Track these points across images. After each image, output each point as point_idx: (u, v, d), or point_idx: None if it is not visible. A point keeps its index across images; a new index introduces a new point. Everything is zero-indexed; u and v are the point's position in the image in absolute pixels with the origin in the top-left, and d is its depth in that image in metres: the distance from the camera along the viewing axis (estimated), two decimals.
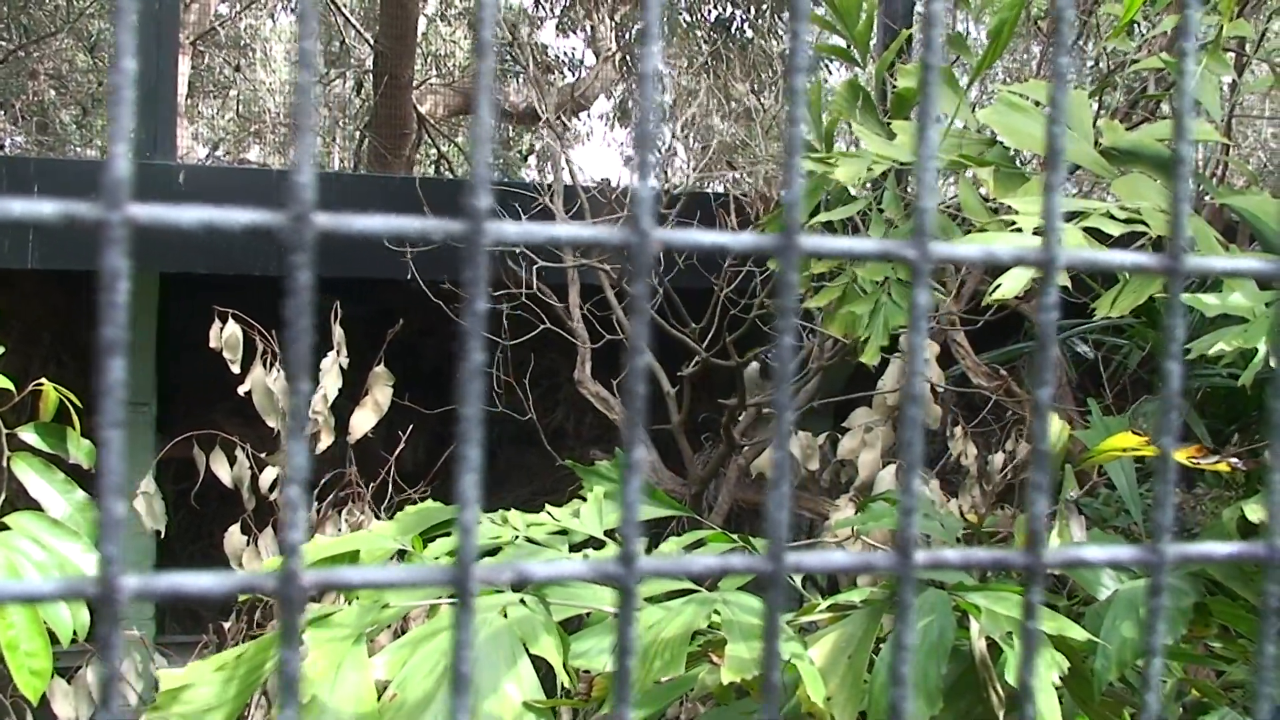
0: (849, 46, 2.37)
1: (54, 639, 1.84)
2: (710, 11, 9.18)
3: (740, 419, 3.35)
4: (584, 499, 1.87)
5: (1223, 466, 1.55)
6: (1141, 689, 0.51)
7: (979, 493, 3.46)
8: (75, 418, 1.78)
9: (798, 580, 1.78)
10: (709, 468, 3.43)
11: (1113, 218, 1.69)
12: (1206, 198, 2.44)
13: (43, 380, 1.83)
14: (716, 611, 1.40)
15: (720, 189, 4.04)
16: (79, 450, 1.75)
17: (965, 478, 3.51)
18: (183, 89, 9.61)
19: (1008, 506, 3.37)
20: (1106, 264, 0.54)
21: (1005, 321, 3.51)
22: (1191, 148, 0.53)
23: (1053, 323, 0.46)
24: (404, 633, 1.57)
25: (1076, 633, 1.36)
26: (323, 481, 3.38)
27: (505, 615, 1.37)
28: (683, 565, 0.42)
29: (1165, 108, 4.06)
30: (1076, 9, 3.40)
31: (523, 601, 1.42)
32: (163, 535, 3.55)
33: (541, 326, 3.38)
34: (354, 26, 9.20)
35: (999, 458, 3.41)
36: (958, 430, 3.52)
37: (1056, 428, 1.70)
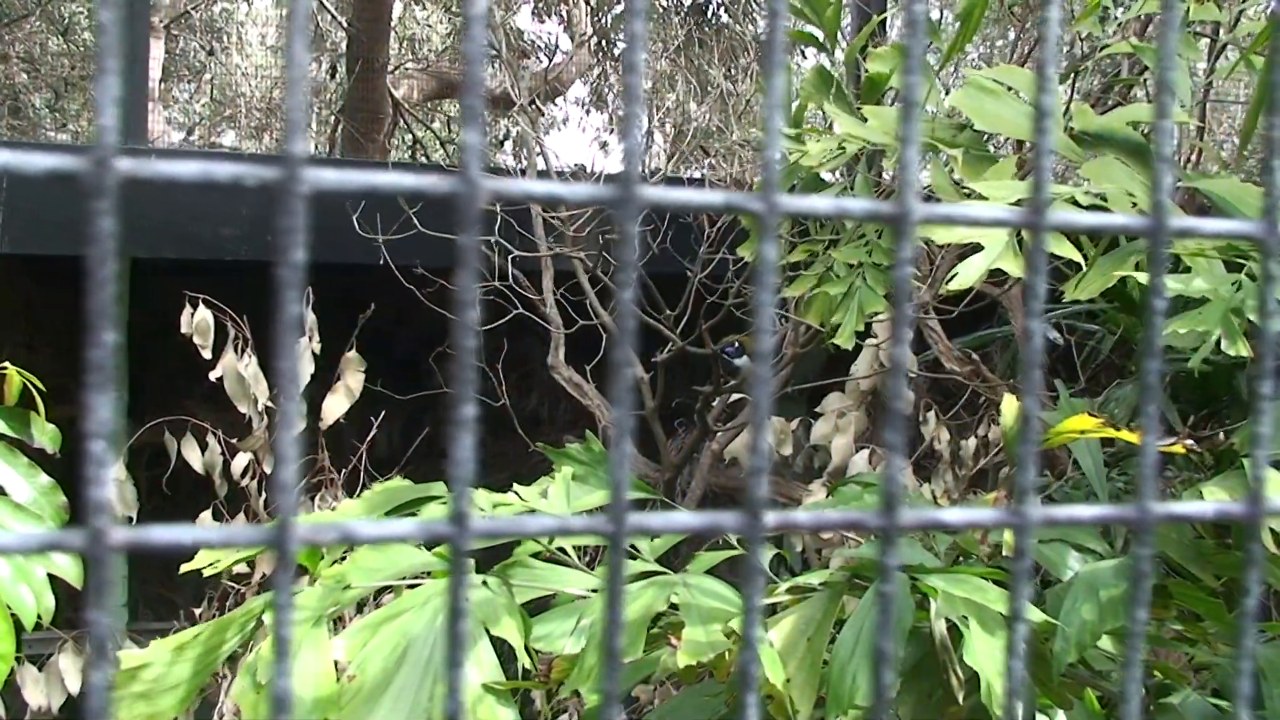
0: (821, 34, 2.37)
1: (20, 626, 1.82)
2: None
3: (715, 405, 3.35)
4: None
5: (1178, 448, 1.56)
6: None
7: (952, 478, 3.47)
8: (39, 402, 1.76)
9: (766, 564, 1.78)
10: (683, 453, 3.43)
11: (1076, 203, 1.69)
12: (1177, 183, 2.45)
13: (6, 365, 1.82)
14: (676, 594, 1.40)
15: (698, 175, 4.03)
16: (43, 435, 1.74)
17: (938, 463, 3.52)
18: (156, 73, 9.55)
19: (981, 491, 3.38)
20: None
21: (981, 308, 3.52)
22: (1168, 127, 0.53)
23: (907, 277, 0.46)
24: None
25: (1033, 614, 1.36)
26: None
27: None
28: (517, 525, 0.42)
29: (1140, 92, 4.07)
30: None
31: (485, 583, 1.42)
32: (134, 522, 3.53)
33: (514, 312, 3.37)
34: (328, 10, 9.15)
35: (971, 443, 3.42)
36: (931, 415, 3.53)
37: (1012, 410, 1.70)
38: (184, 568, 1.49)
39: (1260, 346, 0.50)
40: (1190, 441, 1.56)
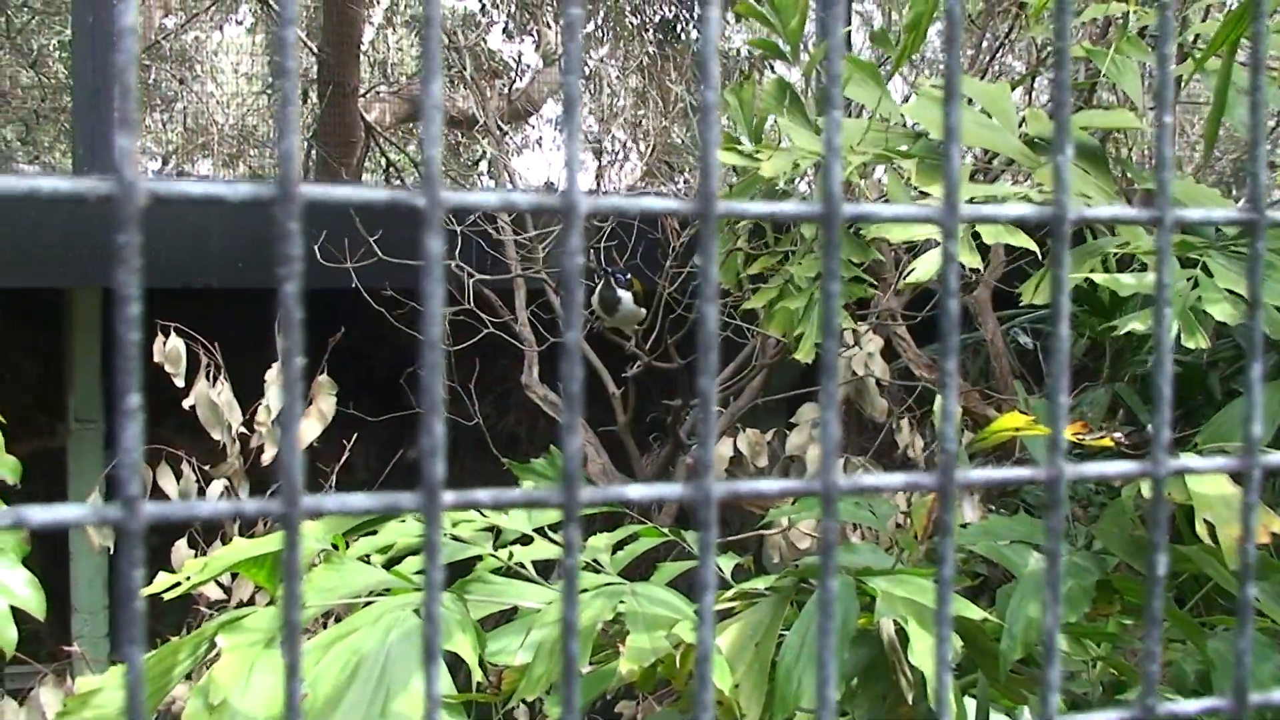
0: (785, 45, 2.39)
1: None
2: (654, 13, 9.20)
3: (685, 418, 3.36)
4: None
5: (1106, 442, 1.58)
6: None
7: None
8: None
9: (727, 571, 1.79)
10: (656, 468, 3.44)
11: (1030, 201, 1.71)
12: (1133, 185, 2.47)
13: None
14: (623, 602, 1.41)
15: (664, 190, 4.05)
16: (4, 467, 1.74)
17: (912, 470, 3.54)
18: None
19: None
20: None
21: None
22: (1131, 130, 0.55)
23: (712, 277, 0.48)
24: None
25: (973, 611, 1.38)
26: (269, 492, 3.36)
27: (419, 614, 1.38)
28: (342, 503, 0.43)
29: (1105, 95, 4.10)
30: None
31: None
32: (113, 553, 3.53)
33: (485, 331, 3.38)
34: (298, 34, 9.15)
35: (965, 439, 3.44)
36: (904, 423, 3.55)
37: (956, 411, 1.71)
38: (144, 591, 1.49)
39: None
40: (1119, 435, 1.58)
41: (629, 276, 3.21)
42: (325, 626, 1.76)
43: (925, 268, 1.63)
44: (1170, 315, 0.53)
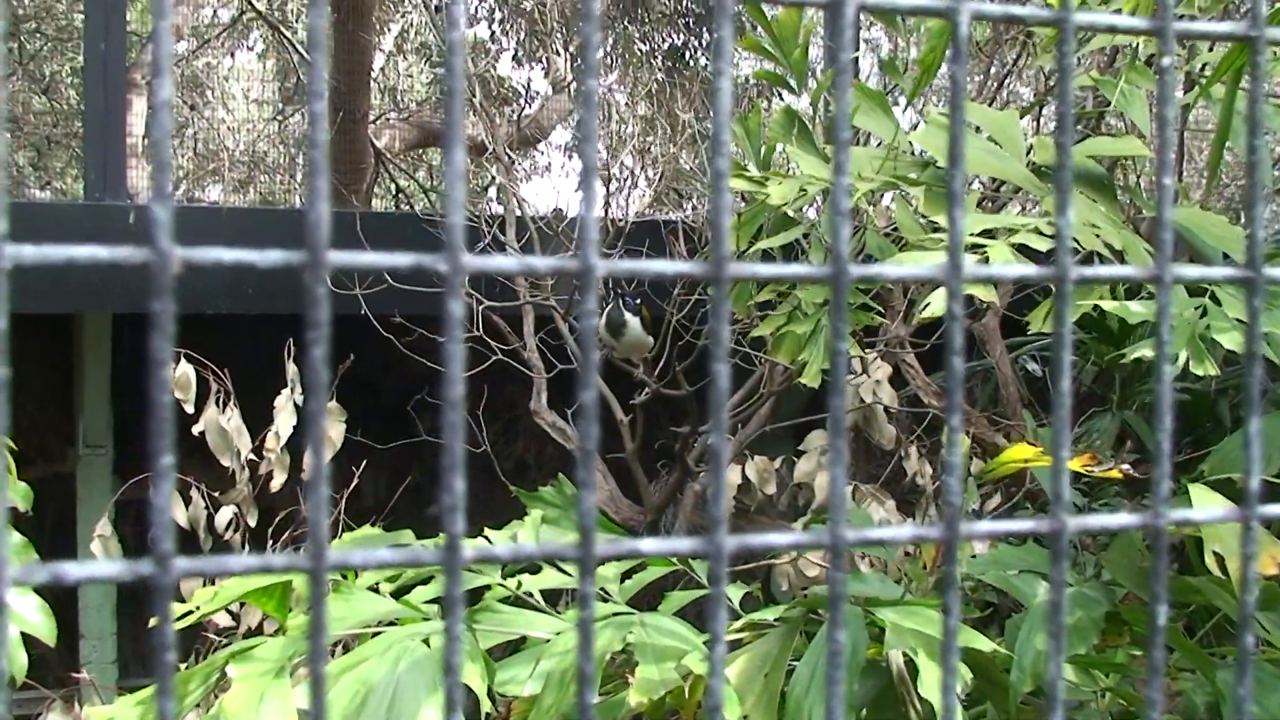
0: (789, 75, 2.40)
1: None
2: (663, 40, 9.23)
3: (694, 445, 3.36)
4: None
5: (1114, 474, 1.58)
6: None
7: (935, 512, 3.48)
8: (10, 461, 1.77)
9: (736, 600, 1.79)
10: (664, 495, 3.44)
11: (1040, 233, 1.72)
12: (1140, 213, 2.48)
13: None
14: (632, 633, 1.41)
15: (673, 217, 4.06)
16: (15, 493, 1.74)
17: (921, 497, 3.53)
18: (139, 129, 9.59)
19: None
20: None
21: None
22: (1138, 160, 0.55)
23: (723, 338, 0.48)
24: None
25: (982, 643, 1.37)
26: (277, 519, 3.37)
27: (428, 644, 1.38)
28: (367, 558, 0.44)
29: (1113, 123, 4.10)
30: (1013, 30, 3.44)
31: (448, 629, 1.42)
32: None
33: (493, 358, 3.39)
34: (307, 61, 9.21)
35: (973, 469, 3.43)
36: (913, 450, 3.54)
37: (967, 444, 1.72)
38: (152, 622, 1.49)
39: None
40: (1126, 466, 1.58)
41: (639, 302, 3.20)
42: (333, 655, 1.77)
43: (939, 303, 1.63)
44: (1169, 371, 0.54)
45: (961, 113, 0.49)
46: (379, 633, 1.42)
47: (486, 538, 1.74)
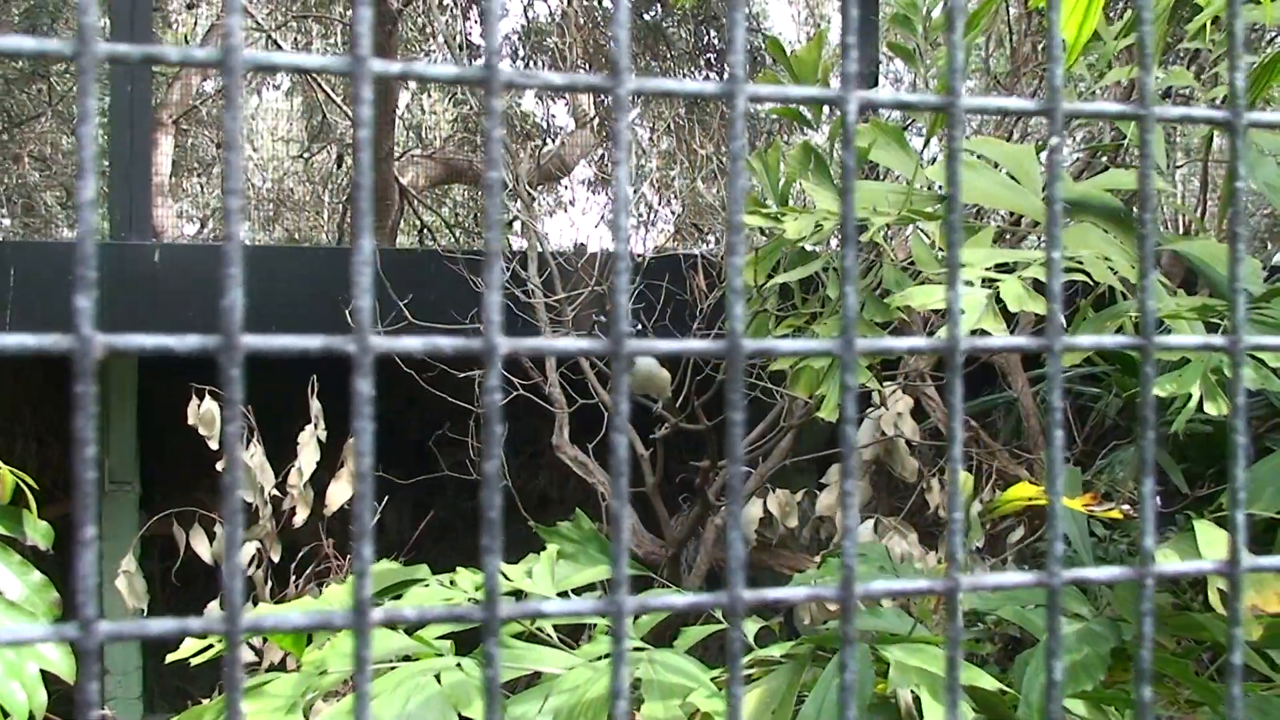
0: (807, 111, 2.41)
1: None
2: (684, 76, 9.28)
3: (714, 479, 3.36)
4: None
5: (1115, 514, 1.57)
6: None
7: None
8: (31, 500, 1.79)
9: (750, 634, 1.79)
10: (685, 529, 3.44)
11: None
12: (1159, 245, 2.48)
13: None
14: (639, 670, 1.41)
15: (695, 251, 4.07)
16: (35, 532, 1.76)
17: (944, 530, 3.52)
18: (167, 168, 9.68)
19: (988, 557, 3.38)
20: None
21: (978, 374, 3.54)
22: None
23: (622, 409, 0.49)
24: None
25: (987, 681, 1.37)
26: (300, 554, 3.38)
27: (439, 680, 1.39)
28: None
29: (1134, 154, 4.10)
30: (1032, 61, 3.46)
31: (459, 665, 1.43)
32: (145, 613, 3.55)
33: (515, 393, 3.40)
34: (333, 99, 9.29)
35: (975, 508, 3.42)
36: (935, 483, 3.54)
37: (968, 481, 1.71)
38: (169, 657, 1.51)
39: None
40: (1126, 507, 1.57)
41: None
42: (345, 693, 1.77)
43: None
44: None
45: (853, 194, 0.50)
46: (392, 668, 1.43)
47: (503, 572, 1.75)
